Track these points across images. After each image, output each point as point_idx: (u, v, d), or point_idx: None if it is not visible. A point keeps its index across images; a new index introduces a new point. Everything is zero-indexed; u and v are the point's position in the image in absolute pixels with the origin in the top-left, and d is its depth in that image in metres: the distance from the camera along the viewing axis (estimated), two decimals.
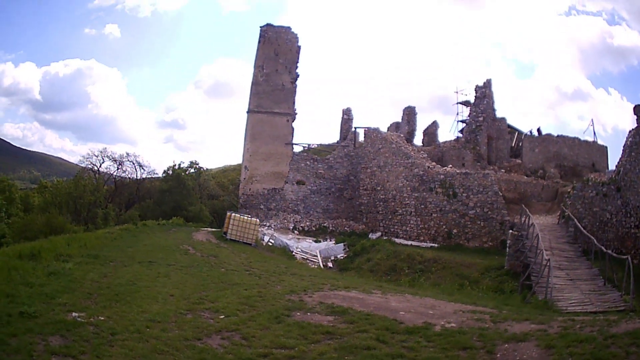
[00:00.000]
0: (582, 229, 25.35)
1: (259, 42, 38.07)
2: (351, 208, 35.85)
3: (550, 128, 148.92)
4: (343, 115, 42.98)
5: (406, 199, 31.93)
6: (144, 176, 49.68)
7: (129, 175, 49.50)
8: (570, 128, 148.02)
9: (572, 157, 41.16)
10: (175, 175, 43.20)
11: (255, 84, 37.50)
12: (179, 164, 45.70)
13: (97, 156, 48.16)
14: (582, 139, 43.14)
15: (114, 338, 8.35)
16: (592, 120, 65.08)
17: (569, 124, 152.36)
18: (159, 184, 45.68)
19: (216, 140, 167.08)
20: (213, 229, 32.26)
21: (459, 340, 9.43)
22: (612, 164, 40.01)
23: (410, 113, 43.13)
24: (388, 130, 41.70)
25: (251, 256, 22.67)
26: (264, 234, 30.65)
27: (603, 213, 29.99)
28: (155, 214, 39.20)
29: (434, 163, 32.71)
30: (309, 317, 10.82)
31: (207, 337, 9.08)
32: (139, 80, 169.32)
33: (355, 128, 38.93)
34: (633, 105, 32.17)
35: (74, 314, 9.30)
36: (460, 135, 40.21)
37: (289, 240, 30.80)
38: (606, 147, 45.24)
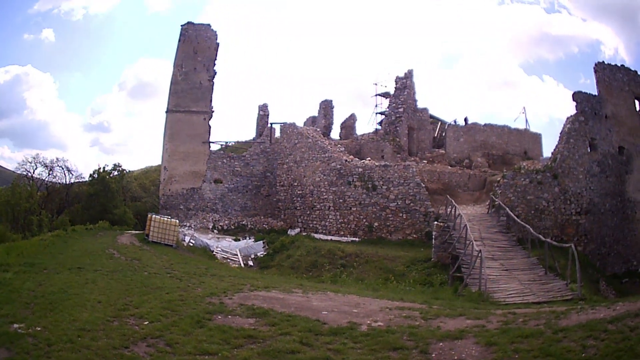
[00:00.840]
0: (515, 217, 24.68)
1: (179, 40, 37.53)
2: (269, 205, 35.04)
3: (481, 117, 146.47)
4: (259, 111, 43.35)
5: (324, 194, 30.62)
6: (72, 181, 48.80)
7: (59, 181, 48.70)
8: (502, 117, 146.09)
9: (501, 146, 41.17)
10: (100, 179, 41.76)
11: (174, 83, 36.84)
12: (104, 167, 44.38)
13: (30, 162, 47.42)
14: (512, 127, 42.83)
15: (50, 349, 8.23)
16: (523, 108, 65.02)
17: (501, 112, 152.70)
18: (86, 188, 44.39)
19: (139, 141, 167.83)
20: (136, 232, 31.09)
21: (388, 341, 8.92)
22: (547, 152, 40.23)
23: (327, 107, 43.07)
24: (305, 124, 41.39)
25: (172, 258, 22.28)
26: (185, 235, 29.96)
27: (538, 201, 29.61)
28: (84, 219, 38.22)
29: (351, 156, 31.80)
30: (230, 320, 10.44)
31: (133, 344, 8.78)
32: (69, 84, 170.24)
33: (271, 124, 38.14)
34: (572, 92, 31.46)
35: (15, 325, 9.28)
36: (379, 127, 39.90)
37: (209, 240, 30.16)
38: (540, 135, 45.41)
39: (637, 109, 34.50)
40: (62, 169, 47.23)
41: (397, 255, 24.96)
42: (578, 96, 31.13)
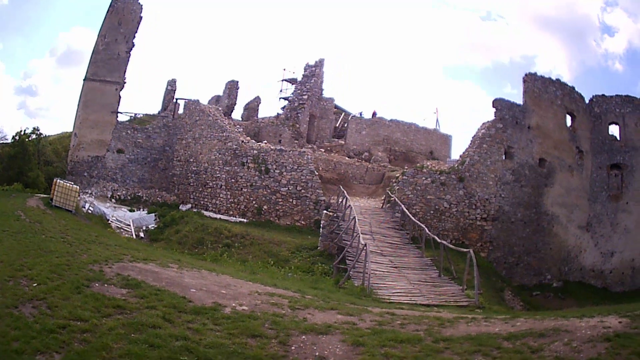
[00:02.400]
0: (410, 215, 24.21)
1: (107, 11, 37.61)
2: (165, 178, 34.86)
3: (396, 115, 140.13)
4: (167, 86, 42.82)
5: (217, 172, 29.99)
6: None
7: None
8: (417, 117, 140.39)
9: (406, 143, 41.28)
10: (20, 142, 41.77)
11: (95, 52, 36.95)
12: (24, 130, 44.07)
13: None
14: (420, 125, 42.96)
15: None
16: (436, 108, 64.99)
17: (417, 112, 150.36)
18: (8, 150, 44.21)
19: (61, 107, 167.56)
20: (44, 195, 30.98)
21: (248, 326, 8.73)
22: (457, 154, 39.31)
23: (232, 87, 42.56)
24: (209, 103, 41.12)
25: (69, 223, 22.20)
26: (85, 202, 29.88)
27: (439, 201, 28.87)
28: (2, 179, 38.21)
29: (248, 138, 31.34)
30: (105, 289, 10.53)
31: (22, 304, 9.05)
32: (12, 47, 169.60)
33: (176, 99, 38.26)
34: (492, 99, 30.89)
35: None
36: (282, 112, 40.00)
37: (107, 208, 30.18)
38: (450, 136, 45.40)
39: (569, 124, 33.49)
40: None
41: (283, 240, 24.72)
42: (498, 103, 30.42)
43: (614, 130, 35.39)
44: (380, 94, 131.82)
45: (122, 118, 37.19)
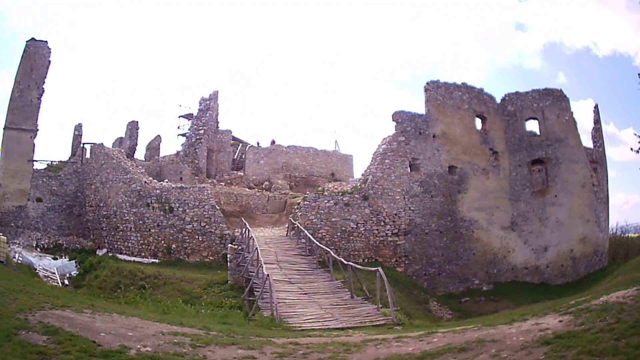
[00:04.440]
0: (313, 239, 24.56)
1: (22, 57, 37.43)
2: (80, 225, 34.63)
3: (298, 140, 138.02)
4: (75, 131, 42.61)
5: (126, 215, 30.05)
6: None
7: None
8: (321, 139, 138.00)
9: (305, 167, 41.77)
10: None
11: (12, 99, 36.60)
12: None
13: None
14: (318, 148, 43.28)
15: None
16: (334, 130, 64.87)
17: (313, 134, 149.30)
18: None
19: None
20: None
21: None
22: (358, 173, 40.22)
23: (133, 127, 42.50)
24: (113, 145, 41.36)
25: (1, 274, 21.62)
26: (15, 252, 29.94)
27: (345, 222, 29.18)
28: None
29: (150, 178, 31.29)
30: (30, 336, 10.55)
31: None
32: None
33: (83, 144, 38.14)
34: (392, 113, 30.70)
35: None
36: (181, 149, 40.21)
37: (33, 257, 29.98)
38: (351, 156, 45.84)
39: (480, 127, 33.53)
40: None
41: (194, 277, 24.90)
42: (399, 116, 30.76)
43: (532, 126, 35.57)
44: (281, 122, 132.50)
45: (39, 166, 37.14)
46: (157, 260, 28.71)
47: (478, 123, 33.57)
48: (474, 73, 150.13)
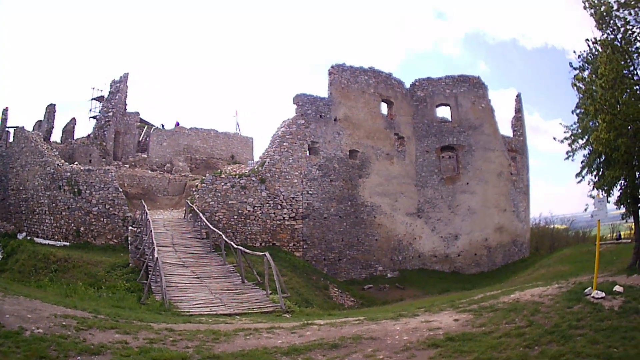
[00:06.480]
0: (208, 224, 24.95)
1: None
2: (4, 209, 35.36)
3: (197, 122, 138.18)
4: (2, 115, 42.01)
5: (41, 198, 31.18)
6: None
7: None
8: (218, 121, 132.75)
9: (206, 150, 42.27)
10: None
11: None
12: None
13: None
14: (220, 130, 43.65)
15: None
16: (236, 112, 64.54)
17: (217, 117, 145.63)
18: None
19: None
20: None
21: (38, 348, 9.22)
22: (258, 156, 40.56)
23: (50, 111, 42.52)
24: (33, 129, 41.19)
25: None
26: None
27: (242, 205, 30.04)
28: None
29: (63, 161, 32.02)
30: None
31: None
32: None
33: (7, 128, 38.53)
34: (293, 95, 31.71)
35: None
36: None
37: None
38: (251, 139, 46.48)
39: (386, 112, 34.33)
40: None
41: (99, 260, 25.51)
42: (299, 99, 31.48)
43: (444, 112, 36.20)
44: (189, 103, 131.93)
45: None
46: (67, 244, 29.01)
47: (384, 108, 34.32)
48: (390, 59, 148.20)
